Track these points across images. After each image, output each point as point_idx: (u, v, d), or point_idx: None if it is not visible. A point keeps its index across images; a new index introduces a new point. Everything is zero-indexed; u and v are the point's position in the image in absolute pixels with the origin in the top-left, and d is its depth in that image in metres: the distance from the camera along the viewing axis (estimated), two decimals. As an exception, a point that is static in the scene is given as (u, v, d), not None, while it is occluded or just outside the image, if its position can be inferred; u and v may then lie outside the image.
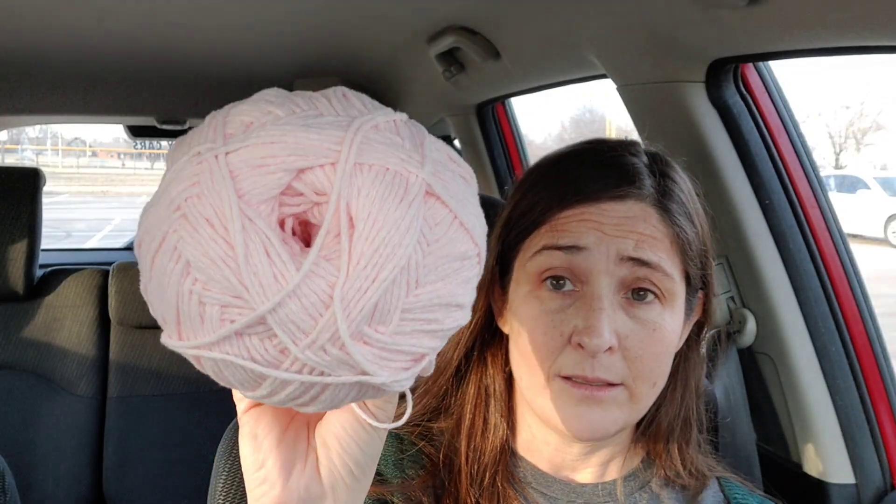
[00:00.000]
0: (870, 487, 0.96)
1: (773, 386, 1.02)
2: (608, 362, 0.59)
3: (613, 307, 0.59)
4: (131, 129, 2.35)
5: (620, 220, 0.60)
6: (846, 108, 24.02)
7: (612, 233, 0.60)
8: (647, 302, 0.60)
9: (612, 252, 0.59)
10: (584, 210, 0.61)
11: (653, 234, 0.61)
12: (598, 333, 0.58)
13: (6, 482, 1.15)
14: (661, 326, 0.60)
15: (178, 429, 1.97)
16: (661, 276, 0.60)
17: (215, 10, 1.29)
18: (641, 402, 0.61)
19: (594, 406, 0.60)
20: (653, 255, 0.60)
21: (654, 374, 0.61)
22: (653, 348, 0.60)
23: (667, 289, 0.60)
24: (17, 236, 1.83)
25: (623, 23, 0.95)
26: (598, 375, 0.59)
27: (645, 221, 0.61)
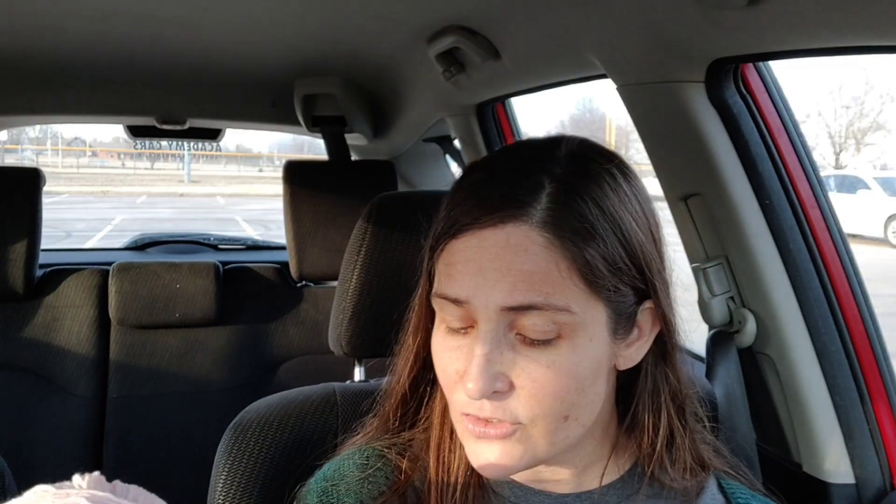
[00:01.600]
0: (870, 487, 0.96)
1: (773, 386, 1.02)
2: (500, 402, 0.57)
3: (501, 348, 0.56)
4: (131, 129, 2.35)
5: (498, 252, 0.56)
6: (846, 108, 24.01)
7: (490, 275, 0.55)
8: (540, 342, 0.56)
9: (490, 303, 0.56)
10: (466, 242, 0.57)
11: (536, 265, 0.55)
12: (475, 381, 0.55)
13: (5, 482, 1.15)
14: (557, 362, 0.56)
15: (178, 429, 1.97)
16: (552, 313, 0.55)
17: (215, 9, 1.29)
18: (553, 436, 0.58)
19: (490, 443, 0.58)
20: (535, 295, 0.55)
21: (556, 410, 0.57)
22: (550, 385, 0.56)
23: (566, 324, 0.56)
24: (17, 236, 1.83)
25: (623, 23, 0.95)
26: (489, 416, 0.57)
27: (526, 251, 0.55)
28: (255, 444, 0.89)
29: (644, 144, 1.08)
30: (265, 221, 13.96)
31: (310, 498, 0.69)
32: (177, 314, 2.00)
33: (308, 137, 2.47)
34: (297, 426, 0.91)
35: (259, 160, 38.84)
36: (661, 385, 0.64)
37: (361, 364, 1.23)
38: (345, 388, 0.97)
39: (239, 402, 1.05)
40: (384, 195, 1.09)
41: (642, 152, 1.08)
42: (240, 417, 0.93)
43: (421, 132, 2.10)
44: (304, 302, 2.11)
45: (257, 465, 0.88)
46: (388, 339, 0.74)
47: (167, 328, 2.02)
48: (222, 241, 2.66)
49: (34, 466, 1.85)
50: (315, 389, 0.97)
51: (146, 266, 2.01)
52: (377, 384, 0.89)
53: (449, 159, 2.32)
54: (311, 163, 2.17)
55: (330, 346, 1.11)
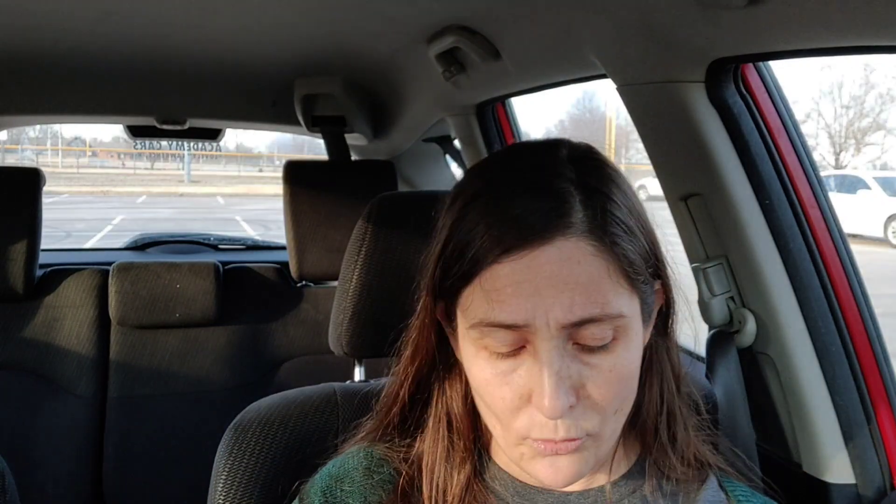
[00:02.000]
0: (870, 487, 0.96)
1: (773, 386, 1.02)
2: (571, 419, 0.56)
3: (565, 362, 0.56)
4: (131, 129, 2.35)
5: (553, 269, 0.55)
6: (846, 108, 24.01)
7: (547, 293, 0.54)
8: (602, 347, 0.56)
9: (551, 321, 0.55)
10: (514, 265, 0.55)
11: (590, 275, 0.55)
12: (553, 399, 0.54)
13: (6, 482, 1.15)
14: (618, 364, 0.57)
15: (178, 429, 1.97)
16: (610, 321, 0.56)
17: (216, 10, 1.29)
18: (613, 432, 0.60)
19: (563, 458, 0.58)
20: (594, 307, 0.55)
21: (618, 409, 0.59)
22: (614, 389, 0.57)
23: (619, 327, 0.56)
24: (17, 236, 1.83)
25: (623, 23, 0.95)
26: (563, 436, 0.57)
27: (579, 263, 0.55)
28: (256, 444, 0.89)
29: (644, 144, 1.08)
30: (265, 221, 13.96)
31: (313, 495, 0.69)
32: (177, 314, 2.00)
33: (308, 137, 2.47)
34: (297, 426, 0.91)
35: (259, 160, 38.84)
36: (664, 360, 0.64)
37: (361, 364, 1.23)
38: (345, 388, 0.97)
39: (239, 402, 1.05)
40: (384, 195, 1.09)
41: (642, 152, 1.08)
42: (240, 417, 0.93)
43: (421, 132, 2.10)
44: (304, 302, 2.11)
45: (257, 465, 0.88)
46: (389, 339, 0.74)
47: (167, 328, 2.02)
48: (222, 241, 2.66)
49: (34, 466, 1.86)
50: (315, 389, 0.97)
51: (146, 266, 2.01)
52: (377, 384, 0.89)
53: (449, 159, 2.32)
54: (311, 163, 2.17)
55: (330, 346, 1.11)
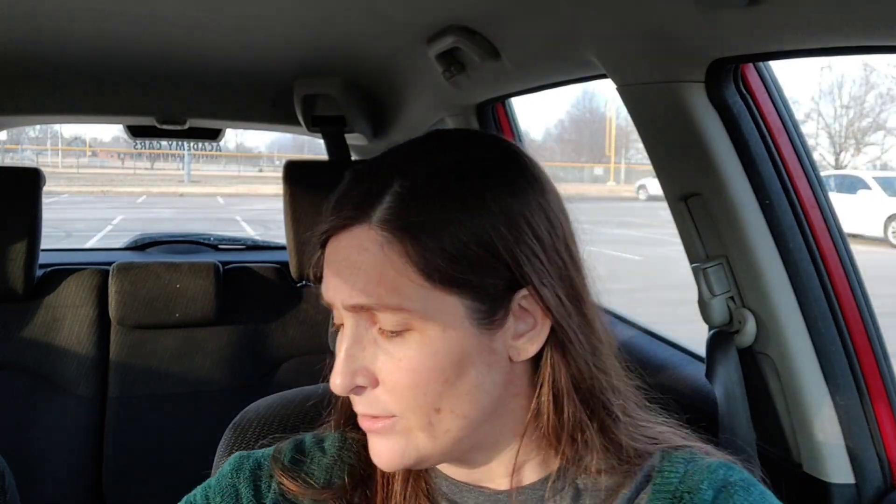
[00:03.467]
0: (870, 487, 0.96)
1: (773, 386, 1.02)
2: (370, 397, 0.59)
3: (363, 343, 0.59)
4: (131, 129, 2.35)
5: (345, 254, 0.58)
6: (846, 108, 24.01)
7: (341, 275, 0.58)
8: (397, 334, 0.58)
9: (340, 301, 0.59)
10: (328, 249, 0.61)
11: (373, 265, 0.57)
12: (335, 376, 0.59)
13: (6, 482, 1.15)
14: (409, 356, 0.57)
15: (178, 429, 1.97)
16: (391, 312, 0.57)
17: (216, 10, 1.29)
18: (434, 429, 0.59)
19: (377, 438, 0.61)
20: (368, 296, 0.57)
21: (421, 403, 0.58)
22: (406, 379, 0.57)
23: (404, 319, 0.57)
24: (17, 236, 1.83)
25: (623, 23, 0.95)
26: (363, 411, 0.60)
27: (366, 250, 0.57)
28: (255, 443, 0.89)
29: (644, 144, 1.08)
30: (265, 221, 13.96)
31: (287, 451, 0.71)
32: (177, 314, 2.00)
33: (308, 137, 2.47)
34: (296, 426, 0.91)
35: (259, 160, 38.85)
36: (560, 373, 0.61)
37: (361, 364, 1.23)
38: (345, 388, 0.96)
39: (239, 402, 1.05)
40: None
41: (642, 152, 1.08)
42: (240, 417, 0.93)
43: (421, 132, 2.09)
44: (304, 302, 2.11)
45: (257, 465, 0.88)
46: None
47: (167, 328, 2.02)
48: (222, 241, 2.66)
49: (34, 466, 1.86)
50: (315, 389, 0.97)
51: (146, 266, 2.01)
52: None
53: (449, 159, 2.32)
54: (311, 163, 2.17)
55: (330, 346, 1.11)
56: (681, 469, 0.63)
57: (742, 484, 0.62)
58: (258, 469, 0.70)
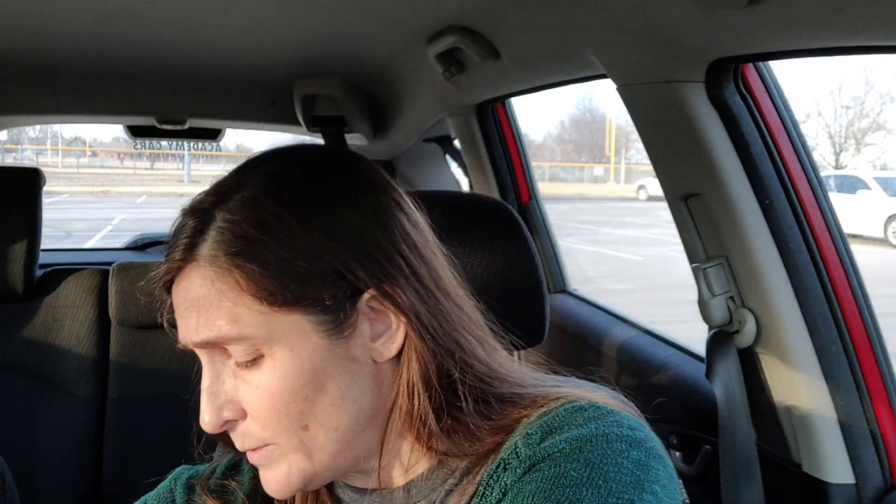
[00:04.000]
0: (870, 487, 0.96)
1: (773, 386, 1.02)
2: (243, 430, 0.60)
3: (222, 378, 0.60)
4: (131, 129, 2.35)
5: (183, 296, 0.59)
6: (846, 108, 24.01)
7: (184, 316, 0.59)
8: (252, 362, 0.58)
9: (189, 340, 0.59)
10: (174, 292, 0.61)
11: (208, 301, 0.57)
12: (203, 414, 0.60)
13: (6, 482, 1.15)
14: (264, 381, 0.58)
15: (178, 429, 1.96)
16: (235, 342, 0.57)
17: (216, 10, 1.29)
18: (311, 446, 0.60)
19: (263, 469, 0.61)
20: (209, 330, 0.57)
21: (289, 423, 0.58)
22: (266, 403, 0.58)
23: (251, 347, 0.57)
24: (17, 236, 1.83)
25: (623, 23, 0.95)
26: (239, 446, 0.61)
27: (200, 287, 0.58)
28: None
29: (644, 144, 1.08)
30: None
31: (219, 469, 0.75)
32: (177, 314, 2.00)
33: (308, 137, 2.47)
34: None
35: (259, 160, 38.71)
36: (411, 370, 0.61)
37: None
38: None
39: (239, 402, 1.05)
40: (384, 195, 1.08)
41: (642, 152, 1.08)
42: (240, 417, 0.93)
43: (421, 132, 2.10)
44: (304, 302, 2.10)
45: (257, 465, 0.88)
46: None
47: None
48: (222, 241, 2.65)
49: (34, 466, 1.85)
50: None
51: (146, 266, 2.00)
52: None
53: (449, 159, 2.32)
54: (311, 163, 2.16)
55: None
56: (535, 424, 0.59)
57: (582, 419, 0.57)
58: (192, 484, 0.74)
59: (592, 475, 0.52)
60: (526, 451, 0.57)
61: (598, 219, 15.33)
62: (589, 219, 15.99)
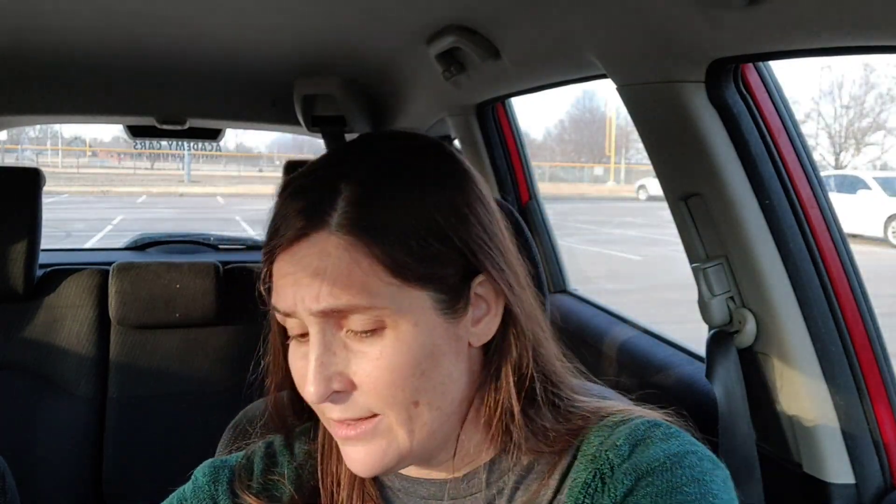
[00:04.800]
0: (870, 487, 0.96)
1: (773, 386, 1.02)
2: (346, 402, 0.59)
3: (334, 349, 0.59)
4: (131, 129, 2.35)
5: (307, 262, 0.58)
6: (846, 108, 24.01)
7: (304, 283, 0.58)
8: (370, 333, 0.58)
9: (306, 308, 0.58)
10: (282, 261, 0.60)
11: (337, 269, 0.57)
12: (311, 386, 0.58)
13: (6, 482, 1.15)
14: (386, 353, 0.58)
15: (178, 429, 1.97)
16: (363, 311, 0.57)
17: (216, 10, 1.29)
18: (413, 424, 0.60)
19: (356, 444, 0.61)
20: (338, 299, 0.57)
21: (403, 397, 0.59)
22: (385, 377, 0.58)
23: (377, 318, 0.57)
24: (17, 236, 1.83)
25: (623, 23, 0.95)
26: (340, 417, 0.60)
27: (329, 255, 0.57)
28: (255, 443, 0.89)
29: (644, 144, 1.08)
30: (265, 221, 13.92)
31: (258, 460, 0.73)
32: (177, 314, 2.00)
33: (308, 137, 2.47)
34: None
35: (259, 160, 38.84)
36: (505, 356, 0.63)
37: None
38: (345, 388, 0.96)
39: (239, 402, 1.05)
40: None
41: (642, 152, 1.08)
42: (239, 417, 0.93)
43: (421, 132, 2.10)
44: (304, 302, 2.10)
45: (257, 465, 0.88)
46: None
47: (167, 328, 2.02)
48: (222, 241, 2.66)
49: (34, 466, 1.86)
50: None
51: (146, 266, 2.01)
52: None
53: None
54: (312, 163, 2.17)
55: None
56: (606, 432, 0.64)
57: (661, 435, 0.62)
58: (234, 479, 0.71)
59: (703, 492, 0.58)
60: (619, 461, 0.61)
61: (598, 219, 15.33)
62: (589, 219, 15.99)
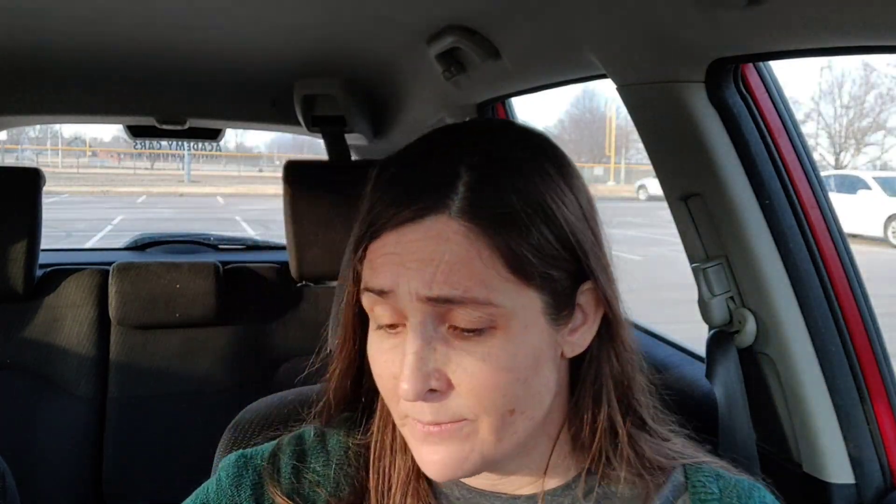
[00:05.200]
0: (870, 487, 0.96)
1: (773, 386, 1.02)
2: (439, 403, 0.54)
3: (433, 344, 0.54)
4: (131, 129, 2.35)
5: (419, 246, 0.53)
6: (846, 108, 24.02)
7: (412, 265, 0.53)
8: (476, 332, 0.53)
9: (412, 292, 0.53)
10: (386, 240, 0.54)
11: (455, 256, 0.52)
12: (409, 382, 0.53)
13: (6, 482, 1.15)
14: (493, 355, 0.53)
15: (178, 429, 1.97)
16: (472, 309, 0.52)
17: (215, 10, 1.29)
18: (503, 432, 0.55)
19: (437, 444, 0.55)
20: (454, 288, 0.52)
21: (499, 405, 0.54)
22: (488, 380, 0.53)
23: (488, 315, 0.53)
24: (17, 236, 1.83)
25: (623, 23, 0.95)
26: (431, 419, 0.55)
27: (447, 241, 0.52)
28: (255, 443, 0.89)
29: (644, 144, 1.08)
30: (265, 221, 13.95)
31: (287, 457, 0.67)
32: (177, 314, 2.00)
33: (308, 137, 2.47)
34: (296, 426, 0.91)
35: (259, 160, 38.85)
36: (605, 370, 0.59)
37: (361, 364, 1.23)
38: (345, 388, 0.96)
39: (239, 402, 1.05)
40: (384, 195, 1.08)
41: (642, 152, 1.08)
42: (239, 417, 0.93)
43: (421, 132, 2.09)
44: (304, 302, 2.11)
45: (257, 465, 0.88)
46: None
47: (167, 328, 2.02)
48: (222, 241, 2.66)
49: (34, 466, 1.86)
50: (315, 389, 0.97)
51: (146, 266, 2.01)
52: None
53: (449, 159, 2.32)
54: (311, 163, 2.17)
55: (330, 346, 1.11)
56: (713, 487, 0.61)
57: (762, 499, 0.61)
58: (259, 481, 0.66)
59: None
60: None
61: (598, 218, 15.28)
62: (589, 219, 15.86)
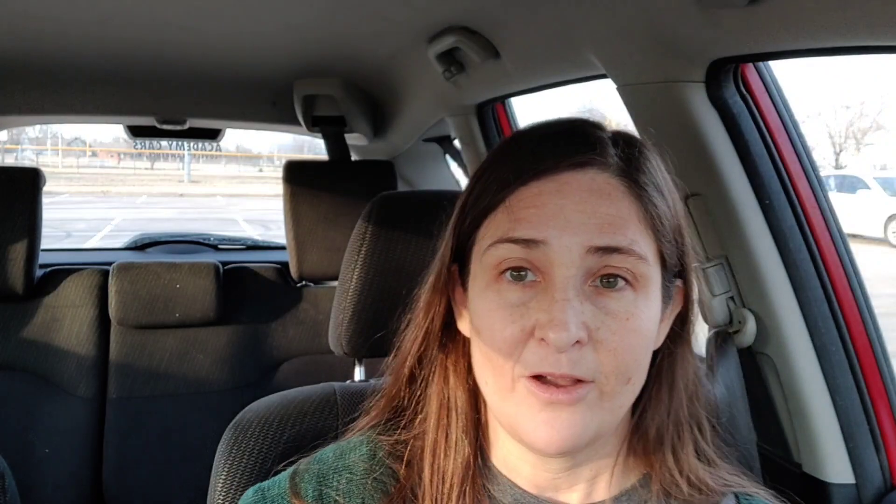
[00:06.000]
0: (870, 487, 0.96)
1: (773, 386, 1.02)
2: (577, 357, 0.53)
3: (580, 298, 0.53)
4: (131, 129, 2.35)
5: (583, 195, 0.54)
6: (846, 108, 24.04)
7: (574, 217, 0.53)
8: (618, 289, 0.54)
9: (574, 244, 0.53)
10: (542, 187, 0.54)
11: (619, 210, 0.54)
12: (564, 327, 0.51)
13: (6, 483, 1.15)
14: (634, 315, 0.54)
15: (178, 429, 1.97)
16: (635, 259, 0.53)
17: (215, 10, 1.30)
18: (615, 401, 0.55)
19: (561, 410, 0.53)
20: (622, 237, 0.53)
21: (628, 368, 0.54)
22: (628, 339, 0.53)
23: (640, 273, 0.54)
24: (17, 236, 1.83)
25: (623, 23, 0.95)
26: (566, 372, 0.53)
27: (610, 195, 0.54)
28: (255, 443, 0.89)
29: (644, 144, 1.08)
30: (265, 221, 13.96)
31: (307, 481, 0.65)
32: (177, 314, 2.00)
33: (308, 137, 2.47)
34: (296, 426, 0.91)
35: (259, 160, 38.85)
36: (677, 370, 0.60)
37: (361, 364, 1.24)
38: (345, 388, 0.97)
39: (239, 402, 1.05)
40: (384, 195, 1.09)
41: (642, 152, 1.08)
42: (239, 417, 0.93)
43: (421, 132, 2.10)
44: (304, 302, 2.10)
45: (257, 464, 0.88)
46: (389, 339, 0.74)
47: (167, 328, 2.02)
48: (222, 241, 2.66)
49: (34, 466, 1.86)
50: (315, 389, 0.97)
51: (146, 266, 2.01)
52: (377, 384, 0.89)
53: (449, 159, 2.32)
54: (311, 163, 2.17)
55: (330, 346, 1.11)
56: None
57: None
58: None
59: None
60: None
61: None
62: (589, 219, 15.83)
